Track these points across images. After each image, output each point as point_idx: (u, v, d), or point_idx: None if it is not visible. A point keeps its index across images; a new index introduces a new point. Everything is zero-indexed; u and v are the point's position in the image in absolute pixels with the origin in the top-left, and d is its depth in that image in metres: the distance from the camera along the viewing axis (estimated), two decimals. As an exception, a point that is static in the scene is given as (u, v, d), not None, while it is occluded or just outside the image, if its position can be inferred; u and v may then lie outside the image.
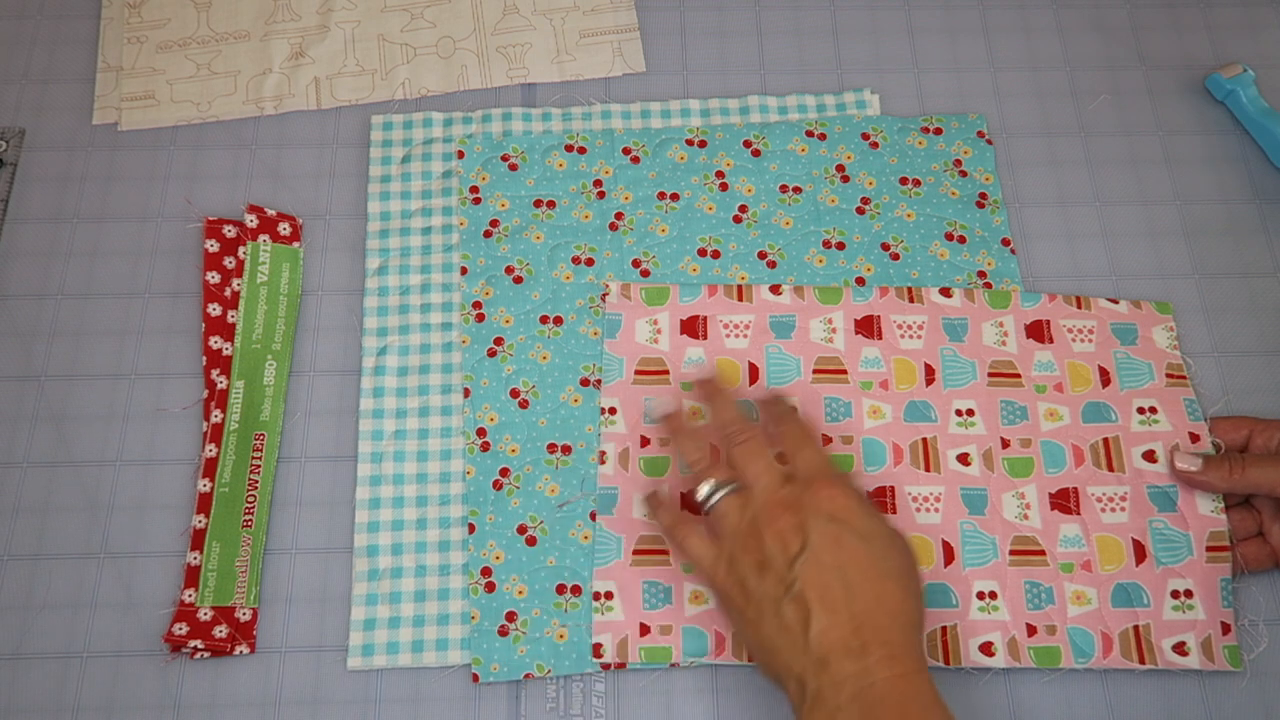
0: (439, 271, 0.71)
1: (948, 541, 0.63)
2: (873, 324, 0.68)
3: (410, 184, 0.73)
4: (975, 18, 0.80)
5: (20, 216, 0.73)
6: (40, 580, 0.63)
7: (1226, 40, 0.80)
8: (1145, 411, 0.66)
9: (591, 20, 0.80)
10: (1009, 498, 0.64)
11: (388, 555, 0.64)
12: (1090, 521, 0.63)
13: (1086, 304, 0.69)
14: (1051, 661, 0.61)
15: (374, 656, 0.61)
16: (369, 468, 0.66)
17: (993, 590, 0.62)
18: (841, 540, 0.51)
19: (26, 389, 0.68)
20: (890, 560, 0.52)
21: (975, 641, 0.61)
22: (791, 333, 0.68)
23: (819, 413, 0.66)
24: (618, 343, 0.67)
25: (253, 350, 0.68)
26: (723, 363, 0.67)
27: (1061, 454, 0.65)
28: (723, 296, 0.68)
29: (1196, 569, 0.62)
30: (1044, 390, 0.67)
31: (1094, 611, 0.62)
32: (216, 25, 0.79)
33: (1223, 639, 0.61)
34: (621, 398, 0.66)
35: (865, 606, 0.50)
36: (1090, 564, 0.63)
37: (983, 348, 0.68)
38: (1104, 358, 0.68)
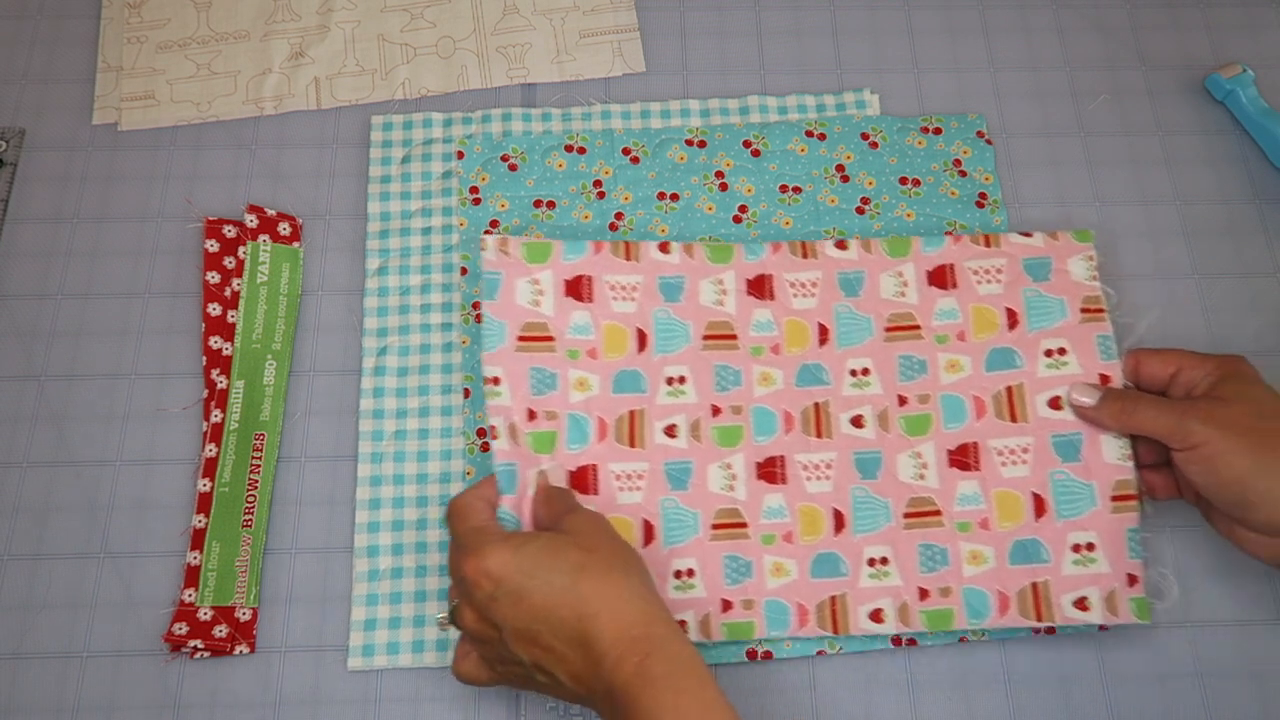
0: (439, 272, 0.71)
1: (838, 510, 0.62)
2: (765, 284, 0.66)
3: (410, 184, 0.73)
4: (975, 18, 0.80)
5: (20, 216, 0.73)
6: (40, 580, 0.63)
7: (1226, 40, 0.80)
8: (1054, 354, 0.64)
9: (591, 20, 0.80)
10: (905, 458, 0.63)
11: (388, 555, 0.64)
12: (989, 477, 0.62)
13: (995, 241, 0.66)
14: (944, 624, 0.60)
15: (374, 657, 0.61)
16: (369, 468, 0.66)
17: (884, 556, 0.61)
18: (516, 599, 0.51)
19: (26, 389, 0.68)
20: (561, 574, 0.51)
21: (865, 609, 0.60)
22: (681, 295, 0.65)
23: (704, 383, 0.64)
24: (498, 305, 0.63)
25: (253, 350, 0.68)
26: (610, 330, 0.64)
27: (961, 407, 0.63)
28: (609, 254, 0.65)
29: (1100, 520, 0.61)
30: (945, 340, 0.65)
31: (990, 570, 0.61)
32: (216, 25, 0.79)
33: (1129, 591, 0.60)
34: (505, 367, 0.62)
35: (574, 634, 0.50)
36: (988, 521, 0.61)
37: (880, 301, 0.66)
38: (1012, 298, 0.65)
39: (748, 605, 0.61)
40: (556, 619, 0.51)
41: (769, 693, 0.61)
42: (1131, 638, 0.63)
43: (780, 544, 0.62)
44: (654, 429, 0.63)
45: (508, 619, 0.51)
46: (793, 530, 0.62)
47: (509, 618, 0.51)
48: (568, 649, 0.51)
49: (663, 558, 0.61)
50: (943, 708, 0.61)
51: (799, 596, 0.61)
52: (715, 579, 0.61)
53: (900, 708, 0.61)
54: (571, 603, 0.51)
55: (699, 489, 0.63)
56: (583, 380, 0.63)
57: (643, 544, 0.61)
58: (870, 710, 0.61)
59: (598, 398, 0.63)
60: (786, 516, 0.62)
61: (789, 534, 0.62)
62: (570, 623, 0.50)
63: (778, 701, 0.61)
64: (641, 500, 0.62)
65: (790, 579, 0.61)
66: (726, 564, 0.61)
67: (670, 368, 0.64)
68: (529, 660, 0.52)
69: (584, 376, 0.63)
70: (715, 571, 0.61)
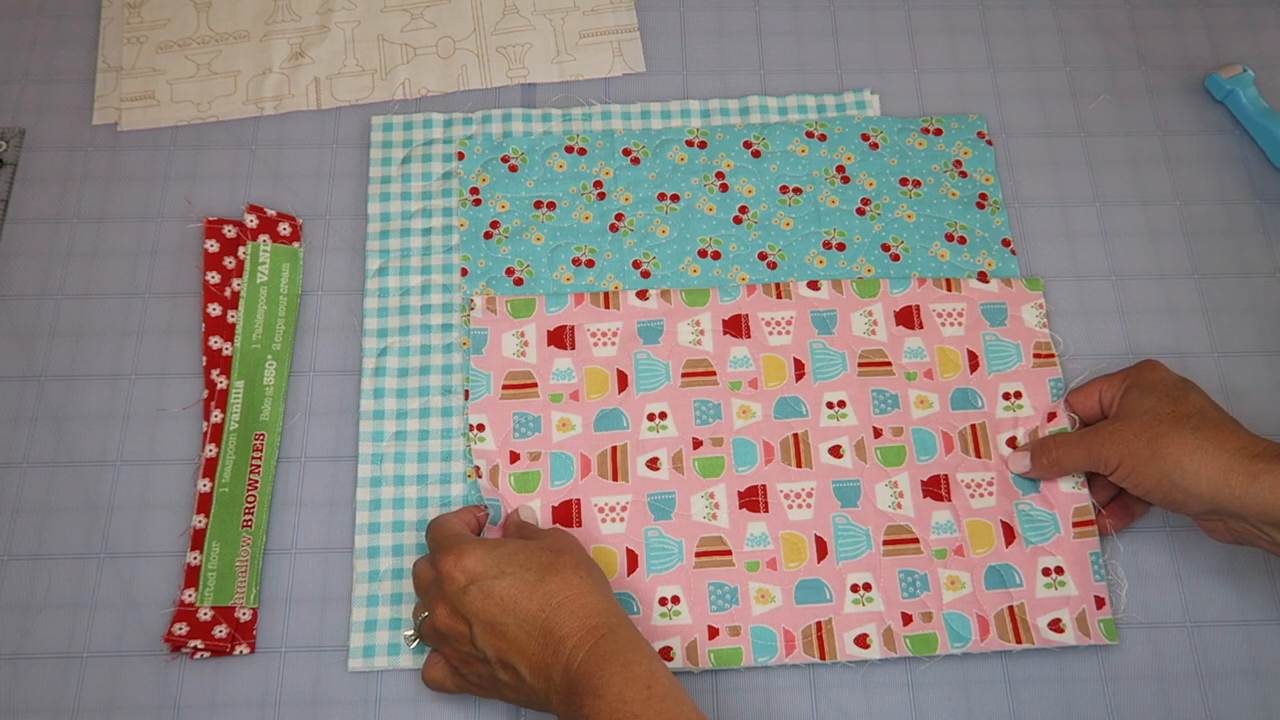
0: (439, 272, 0.71)
1: (820, 537, 0.63)
2: (741, 323, 0.68)
3: (410, 185, 0.73)
4: (975, 18, 0.80)
5: (20, 216, 0.73)
6: (40, 580, 0.63)
7: (1226, 40, 0.80)
8: (1010, 397, 0.67)
9: (591, 20, 0.80)
10: (882, 487, 0.65)
11: (389, 556, 0.64)
12: (960, 507, 0.64)
13: (956, 286, 0.69)
14: (928, 649, 0.61)
15: (375, 658, 0.61)
16: (370, 469, 0.66)
17: (867, 582, 0.63)
18: (487, 592, 0.54)
19: (26, 389, 0.68)
20: (530, 571, 0.55)
21: (850, 635, 0.61)
22: (660, 337, 0.67)
23: (685, 418, 0.66)
24: (484, 358, 0.67)
25: (253, 350, 0.68)
26: (591, 373, 0.66)
27: (932, 441, 0.66)
28: (590, 305, 0.68)
29: (1065, 545, 0.63)
30: (914, 378, 0.67)
31: (968, 595, 0.62)
32: (216, 25, 0.79)
33: (1097, 613, 0.62)
34: (489, 414, 0.65)
35: (537, 625, 0.54)
36: (962, 549, 0.63)
37: (852, 338, 0.68)
38: (973, 341, 0.68)
39: (734, 632, 0.61)
40: (523, 611, 0.54)
41: (770, 692, 0.61)
42: (1132, 638, 0.63)
43: (764, 571, 0.63)
44: (636, 462, 0.65)
45: (478, 611, 0.54)
46: (776, 557, 0.63)
47: (479, 610, 0.54)
48: (530, 640, 0.53)
49: (647, 586, 0.62)
50: (942, 707, 0.61)
51: (784, 623, 0.62)
52: (700, 606, 0.62)
53: (900, 708, 0.61)
54: (538, 596, 0.54)
55: (682, 518, 0.64)
56: (565, 421, 0.65)
57: (626, 573, 0.63)
58: (870, 710, 0.61)
59: (580, 436, 0.65)
60: (769, 544, 0.63)
61: (773, 561, 0.63)
62: (535, 614, 0.54)
63: (778, 701, 0.61)
64: (625, 530, 0.63)
65: (775, 605, 0.62)
66: (711, 591, 0.62)
67: (651, 405, 0.66)
68: (493, 655, 0.54)
69: (567, 417, 0.65)
70: (700, 598, 0.62)
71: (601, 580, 0.57)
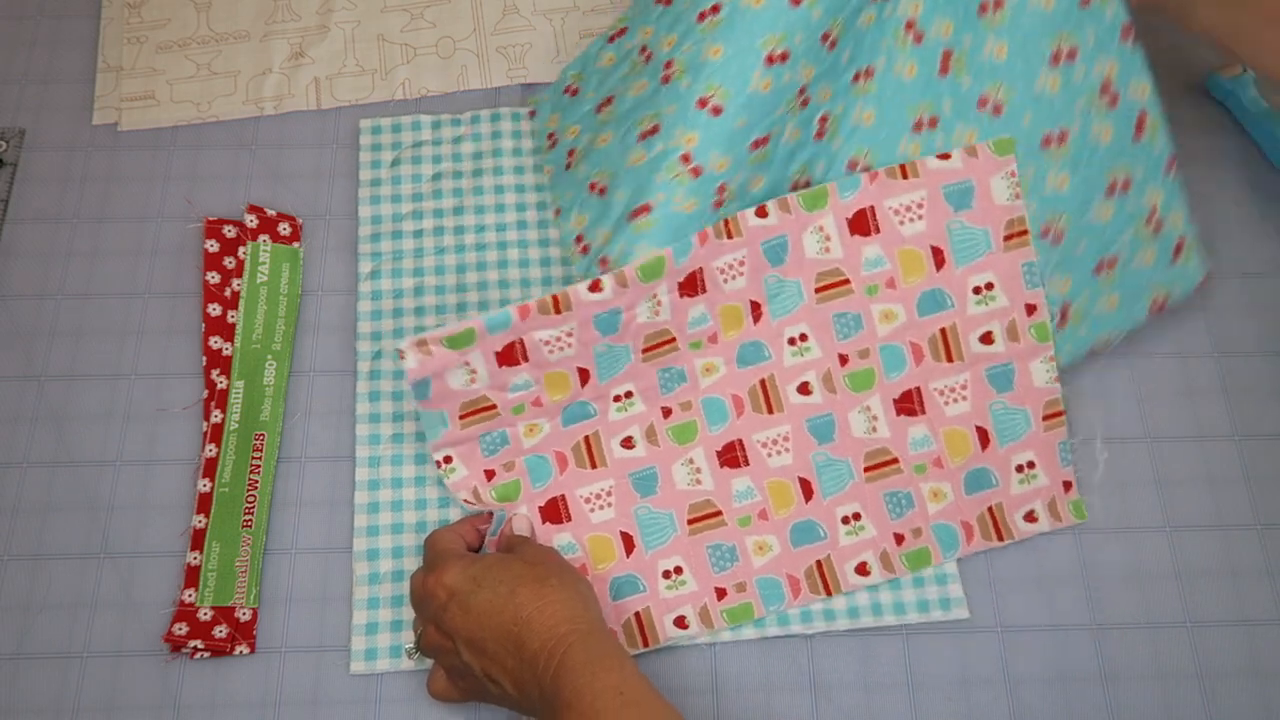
0: (432, 274, 0.71)
1: (804, 478, 0.64)
2: (695, 280, 0.63)
3: (400, 187, 0.73)
4: (975, 18, 0.80)
5: (20, 216, 0.73)
6: (40, 580, 0.63)
7: (1226, 40, 0.80)
8: (981, 290, 0.65)
9: (591, 20, 0.80)
10: (855, 415, 0.65)
11: (388, 559, 0.64)
12: (935, 418, 0.65)
13: (914, 170, 0.64)
14: (923, 563, 0.63)
15: (377, 660, 0.61)
16: (367, 471, 0.66)
17: (855, 512, 0.64)
18: (466, 608, 0.55)
19: (26, 389, 0.68)
20: (503, 584, 0.55)
21: (849, 565, 0.63)
22: (618, 324, 0.62)
23: (649, 391, 0.64)
24: (431, 400, 0.60)
25: (253, 350, 0.68)
26: (550, 377, 0.62)
27: (900, 355, 0.65)
28: (537, 314, 0.60)
29: (1036, 440, 0.65)
30: (875, 291, 0.65)
31: (951, 505, 0.64)
32: (216, 25, 0.79)
33: (1066, 496, 0.64)
34: (453, 447, 0.62)
35: (510, 639, 0.54)
36: (941, 460, 0.64)
37: (805, 263, 0.64)
38: (937, 235, 0.64)
39: (740, 588, 0.62)
40: (496, 625, 0.54)
41: (770, 692, 0.61)
42: (1132, 638, 0.63)
43: (757, 523, 0.63)
44: (610, 445, 0.64)
45: (459, 628, 0.55)
46: (765, 507, 0.64)
47: (460, 626, 0.55)
48: (506, 654, 0.54)
49: (648, 563, 0.62)
50: (943, 707, 0.61)
51: (786, 568, 0.63)
52: (703, 570, 0.62)
53: (900, 707, 0.61)
54: (509, 609, 0.54)
55: (667, 490, 0.64)
56: (532, 426, 0.64)
57: (626, 554, 0.63)
58: (870, 710, 0.61)
59: (550, 435, 0.64)
60: (757, 496, 0.64)
61: (763, 511, 0.64)
62: (507, 628, 0.54)
63: (778, 700, 0.61)
64: (614, 515, 0.63)
65: (774, 554, 0.63)
66: (710, 554, 0.63)
67: (615, 388, 0.65)
68: (479, 669, 0.55)
69: (533, 423, 0.64)
70: (701, 563, 0.62)
71: (576, 587, 0.56)
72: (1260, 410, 0.68)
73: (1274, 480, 0.67)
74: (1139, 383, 0.69)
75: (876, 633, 0.63)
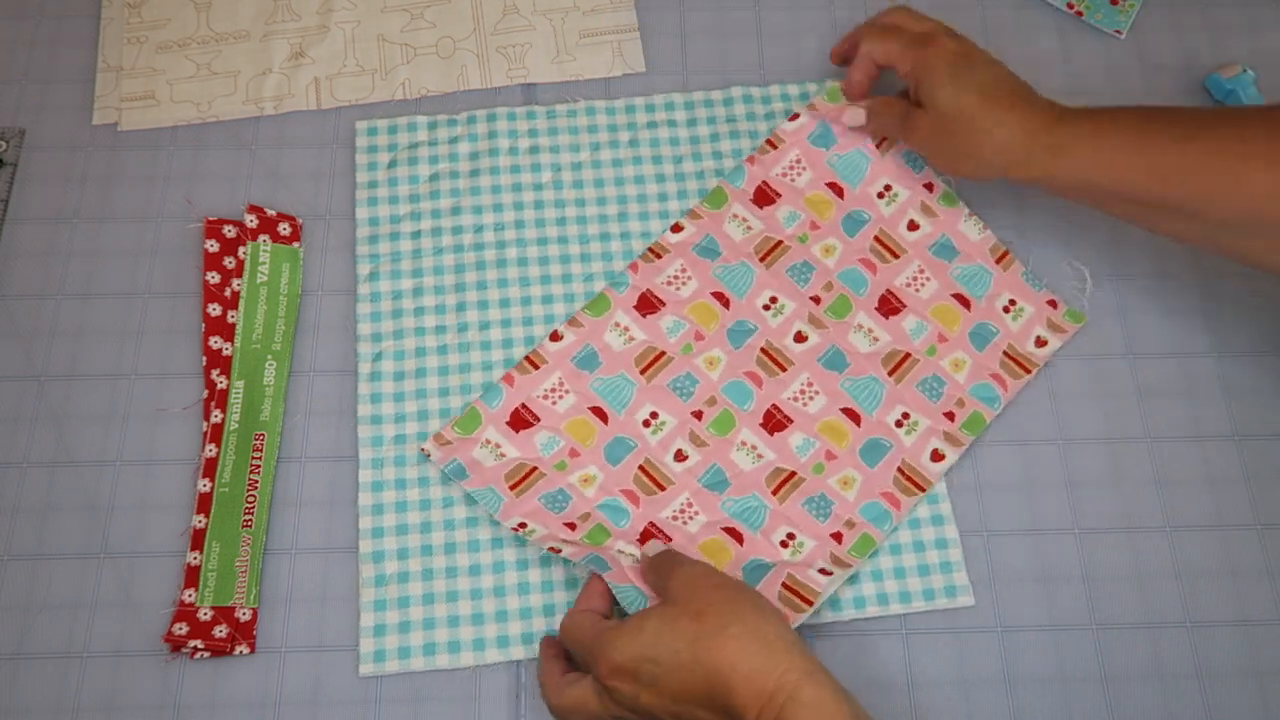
0: (430, 275, 0.71)
1: (846, 408, 0.67)
2: (649, 299, 0.69)
3: (397, 188, 0.73)
4: (975, 18, 0.80)
5: (20, 216, 0.73)
6: (40, 580, 0.63)
7: (1226, 40, 0.80)
8: (884, 194, 0.73)
9: (591, 20, 0.80)
10: (852, 336, 0.69)
11: (394, 560, 0.64)
12: (916, 306, 0.70)
13: (777, 140, 0.74)
14: (979, 426, 0.67)
15: (385, 662, 0.61)
16: (370, 473, 0.66)
17: (904, 413, 0.67)
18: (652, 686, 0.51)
19: (26, 389, 0.68)
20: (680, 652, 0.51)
21: (924, 458, 0.66)
22: (598, 359, 0.67)
23: (672, 404, 0.66)
24: (473, 479, 0.64)
25: (253, 350, 0.68)
26: (571, 425, 0.66)
27: (858, 274, 0.70)
28: (520, 377, 0.67)
29: (1003, 282, 0.71)
30: (805, 239, 0.71)
31: (972, 366, 0.68)
32: (216, 25, 0.79)
33: (1057, 312, 0.70)
34: (520, 512, 0.63)
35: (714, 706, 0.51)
36: (942, 335, 0.69)
37: (737, 244, 0.71)
38: (824, 173, 0.73)
39: (850, 525, 0.64)
40: (695, 694, 0.51)
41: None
42: (1132, 638, 0.63)
43: (829, 464, 0.66)
44: (667, 465, 0.65)
45: (655, 708, 0.52)
46: (829, 448, 0.66)
47: (656, 707, 0.52)
48: (712, 716, 0.51)
49: (761, 543, 0.64)
50: (943, 707, 0.61)
51: (878, 488, 0.65)
52: (813, 527, 0.64)
53: (900, 707, 0.61)
54: (700, 675, 0.51)
55: (738, 476, 0.65)
56: (586, 477, 0.65)
57: (739, 545, 0.63)
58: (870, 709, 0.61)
59: (607, 480, 0.65)
60: (816, 443, 0.66)
61: (829, 453, 0.66)
62: (706, 693, 0.50)
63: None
64: (706, 518, 0.64)
65: (860, 482, 0.66)
66: (808, 509, 0.65)
67: (638, 414, 0.66)
68: None
69: (584, 474, 0.65)
70: (807, 522, 0.64)
71: (756, 618, 0.52)
72: (1260, 410, 0.68)
73: (1274, 480, 0.67)
74: (1139, 382, 0.69)
75: (876, 632, 0.63)
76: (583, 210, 0.73)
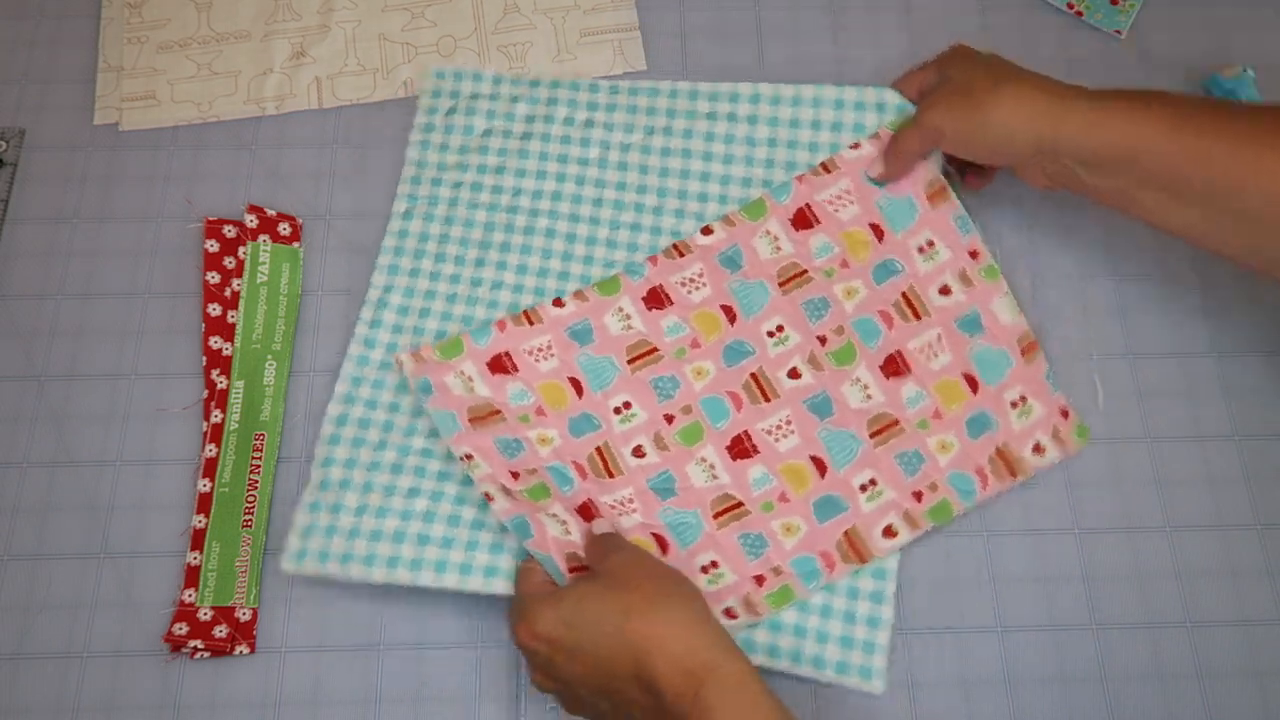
0: (460, 225, 0.71)
1: (815, 456, 0.65)
2: (658, 295, 0.69)
3: (450, 136, 0.74)
4: (974, 19, 0.80)
5: (20, 216, 0.73)
6: (40, 580, 0.63)
7: (1226, 40, 0.80)
8: (925, 249, 0.69)
9: (592, 19, 0.80)
10: (847, 388, 0.66)
11: (340, 467, 0.64)
12: (922, 374, 0.66)
13: (832, 164, 0.71)
14: (945, 516, 0.63)
15: (304, 562, 0.61)
16: (346, 387, 0.67)
17: (871, 478, 0.64)
18: (572, 655, 0.53)
19: (26, 389, 0.68)
20: (605, 623, 0.52)
21: (876, 530, 0.63)
22: (592, 335, 0.67)
23: (648, 400, 0.66)
24: (437, 398, 0.64)
25: (253, 350, 0.68)
26: (545, 388, 0.66)
27: (873, 325, 0.67)
28: (513, 327, 0.67)
29: (1021, 374, 0.66)
30: (832, 274, 0.69)
31: (960, 453, 0.65)
32: (217, 25, 0.79)
33: (1066, 422, 0.66)
34: (471, 444, 0.63)
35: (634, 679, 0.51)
36: (939, 411, 0.66)
37: (762, 263, 0.69)
38: (870, 213, 0.70)
39: (777, 572, 0.62)
40: (616, 666, 0.52)
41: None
42: (1132, 638, 0.63)
43: (779, 506, 0.64)
44: (623, 455, 0.65)
45: (573, 675, 0.53)
46: (784, 490, 0.64)
47: (573, 674, 0.53)
48: (636, 692, 0.52)
49: (684, 560, 0.62)
50: (943, 707, 0.61)
51: (818, 545, 0.63)
52: (738, 561, 0.63)
53: (900, 707, 0.61)
54: (624, 650, 0.51)
55: (686, 490, 0.64)
56: (543, 436, 0.65)
57: (660, 554, 0.63)
58: (871, 709, 0.61)
59: (562, 446, 0.65)
60: (773, 481, 0.64)
61: (783, 494, 0.64)
62: (629, 667, 0.51)
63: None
64: (641, 519, 0.63)
65: (802, 532, 0.63)
66: (742, 544, 0.63)
67: (612, 400, 0.66)
68: (609, 707, 0.53)
69: (543, 433, 0.65)
70: (735, 555, 0.63)
71: (684, 603, 0.53)
72: (1260, 410, 0.68)
73: (1274, 480, 0.67)
74: (1139, 382, 0.69)
75: (876, 633, 0.63)
76: (621, 195, 0.72)
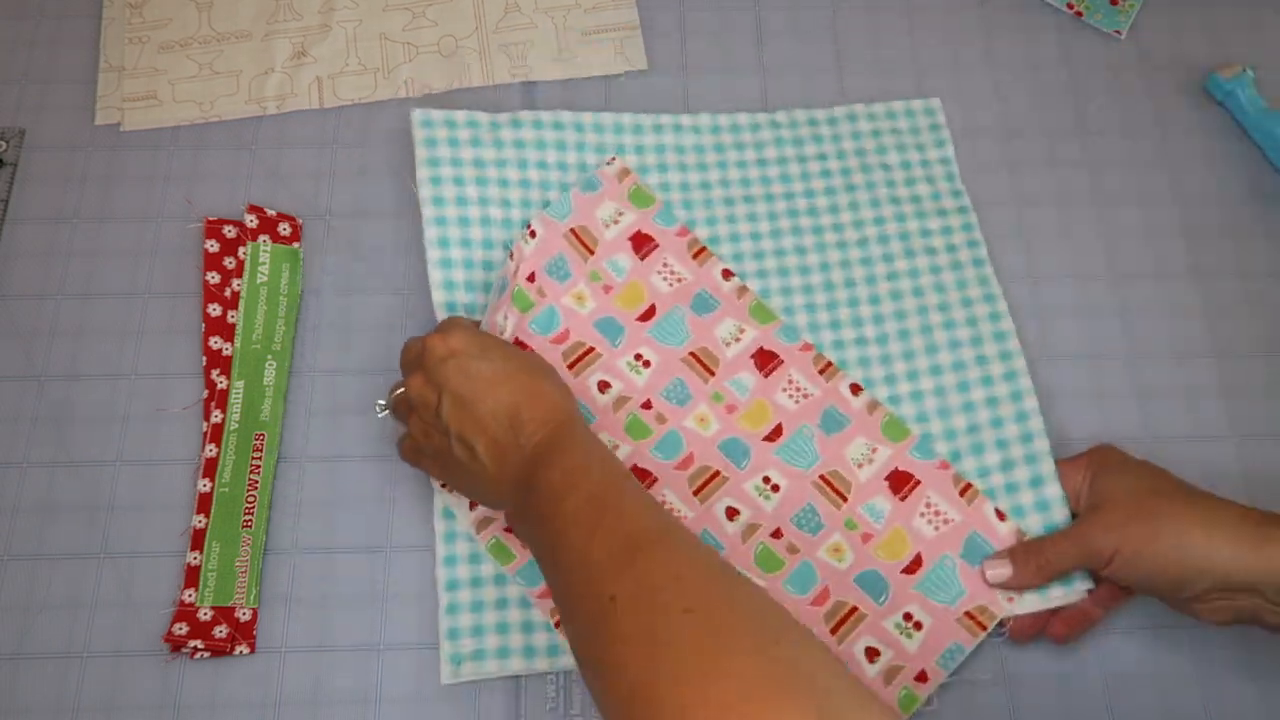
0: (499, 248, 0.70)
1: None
2: (770, 362, 0.67)
3: (462, 170, 0.71)
4: (974, 19, 0.80)
5: (20, 216, 0.73)
6: (40, 580, 0.63)
7: (1226, 40, 0.80)
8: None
9: (593, 18, 0.80)
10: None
11: (464, 565, 0.63)
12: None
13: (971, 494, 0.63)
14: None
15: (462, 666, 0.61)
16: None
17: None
18: (464, 369, 0.56)
19: (26, 389, 0.68)
20: (510, 361, 0.57)
21: None
22: (707, 313, 0.68)
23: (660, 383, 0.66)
24: (584, 197, 0.69)
25: (253, 350, 0.68)
26: (633, 286, 0.68)
27: None
28: (682, 243, 0.69)
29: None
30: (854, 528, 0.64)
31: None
32: (218, 25, 0.79)
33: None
34: (546, 233, 0.68)
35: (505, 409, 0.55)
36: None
37: (839, 456, 0.65)
38: None
39: None
40: (494, 394, 0.55)
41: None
42: (1131, 638, 0.63)
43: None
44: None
45: (451, 384, 0.56)
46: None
47: (453, 384, 0.56)
48: (495, 423, 0.55)
49: None
50: (943, 707, 0.61)
51: None
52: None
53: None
54: (511, 384, 0.56)
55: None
56: (581, 295, 0.68)
57: None
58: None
59: (580, 318, 0.68)
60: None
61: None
62: (505, 400, 0.55)
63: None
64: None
65: None
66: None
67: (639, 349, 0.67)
68: (455, 430, 0.56)
69: (584, 292, 0.68)
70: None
71: (573, 397, 0.58)
72: (1260, 410, 0.68)
73: (1274, 480, 0.67)
74: (1139, 382, 0.69)
75: (877, 633, 0.63)
76: None
